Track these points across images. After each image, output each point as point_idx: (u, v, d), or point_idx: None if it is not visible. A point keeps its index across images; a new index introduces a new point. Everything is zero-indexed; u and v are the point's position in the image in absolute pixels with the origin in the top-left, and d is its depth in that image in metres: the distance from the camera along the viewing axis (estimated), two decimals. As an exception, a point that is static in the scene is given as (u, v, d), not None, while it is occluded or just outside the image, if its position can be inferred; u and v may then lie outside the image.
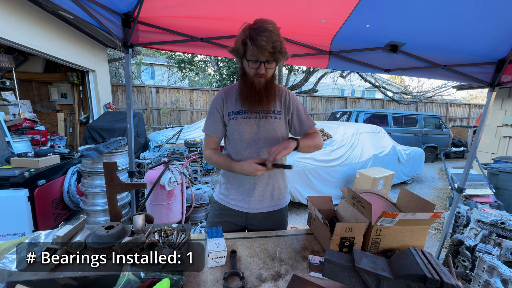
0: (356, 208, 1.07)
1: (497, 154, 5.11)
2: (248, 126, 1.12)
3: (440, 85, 12.26)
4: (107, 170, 1.11)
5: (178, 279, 0.76)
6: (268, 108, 1.12)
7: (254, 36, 0.92)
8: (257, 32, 0.92)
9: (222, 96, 1.16)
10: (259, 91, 1.05)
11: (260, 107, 1.10)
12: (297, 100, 1.20)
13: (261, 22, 0.95)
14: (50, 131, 5.64)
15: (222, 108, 1.15)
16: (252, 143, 1.13)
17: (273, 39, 0.92)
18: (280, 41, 0.95)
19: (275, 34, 0.93)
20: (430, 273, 0.71)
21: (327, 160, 3.80)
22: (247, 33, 0.94)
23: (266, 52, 0.94)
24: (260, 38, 0.91)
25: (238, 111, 1.13)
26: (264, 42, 0.91)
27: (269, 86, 1.07)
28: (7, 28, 3.20)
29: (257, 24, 0.94)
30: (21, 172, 2.40)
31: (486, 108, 1.97)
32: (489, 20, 1.42)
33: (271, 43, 0.92)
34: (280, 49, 0.96)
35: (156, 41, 1.71)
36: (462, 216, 2.35)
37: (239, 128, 1.12)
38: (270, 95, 1.08)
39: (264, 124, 1.12)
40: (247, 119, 1.12)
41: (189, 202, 2.81)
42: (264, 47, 0.92)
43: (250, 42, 0.93)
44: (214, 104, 1.16)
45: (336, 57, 1.90)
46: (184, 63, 10.22)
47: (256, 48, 0.93)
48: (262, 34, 0.91)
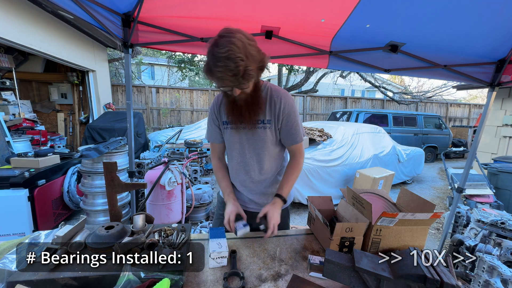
0: (356, 208, 1.07)
1: (497, 154, 5.11)
2: (236, 136, 1.12)
3: (440, 85, 12.26)
4: (107, 170, 1.11)
5: (178, 279, 0.76)
6: (253, 122, 1.06)
7: (211, 67, 0.84)
8: (214, 62, 0.83)
9: (217, 103, 1.15)
10: (240, 107, 1.01)
11: (244, 122, 1.06)
12: (291, 109, 1.07)
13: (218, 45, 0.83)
14: (50, 131, 5.64)
15: (218, 116, 1.16)
16: (242, 152, 1.14)
17: (230, 67, 0.82)
18: (241, 65, 0.83)
19: (234, 59, 0.81)
20: (430, 273, 0.71)
21: (327, 160, 3.80)
22: (208, 60, 0.86)
23: (228, 81, 0.87)
24: (216, 69, 0.83)
25: (226, 121, 1.13)
26: (221, 73, 0.83)
27: (252, 100, 0.99)
28: (7, 28, 3.20)
29: (215, 49, 0.83)
30: (21, 172, 2.40)
31: (486, 108, 1.97)
32: (489, 20, 1.42)
33: (230, 72, 0.83)
34: (245, 72, 0.85)
35: (156, 41, 1.71)
36: (462, 216, 2.35)
37: (229, 138, 1.14)
38: (253, 110, 1.02)
39: (252, 135, 1.10)
40: (235, 129, 1.11)
41: (189, 202, 2.81)
42: (223, 78, 0.85)
43: (209, 75, 0.87)
44: (210, 112, 1.18)
45: (336, 57, 1.90)
46: (184, 63, 10.21)
47: (216, 80, 0.87)
48: (217, 64, 0.82)
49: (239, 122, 1.07)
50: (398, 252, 0.83)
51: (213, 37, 0.87)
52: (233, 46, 0.82)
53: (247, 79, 0.88)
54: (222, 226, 1.08)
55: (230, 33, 0.85)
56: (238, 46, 0.83)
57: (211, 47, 0.85)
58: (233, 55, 0.82)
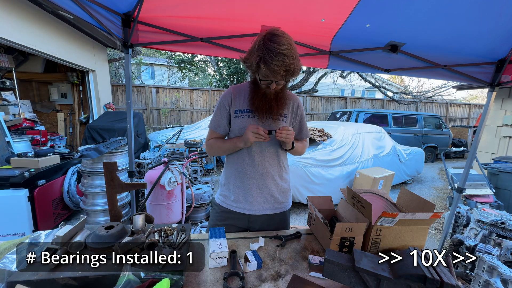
0: (356, 208, 1.07)
1: (497, 154, 5.11)
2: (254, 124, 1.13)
3: (440, 85, 12.26)
4: (107, 170, 1.11)
5: (178, 279, 0.76)
6: (279, 114, 1.15)
7: (268, 60, 0.91)
8: (270, 56, 0.91)
9: (231, 93, 1.17)
10: (269, 100, 1.08)
11: (272, 114, 1.12)
12: (302, 109, 1.27)
13: (276, 41, 0.92)
14: (50, 131, 5.63)
15: (230, 104, 1.17)
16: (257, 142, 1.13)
17: (286, 63, 0.92)
18: (293, 63, 0.94)
19: (289, 57, 0.92)
20: (430, 273, 0.71)
21: (327, 160, 3.80)
22: (261, 53, 0.93)
23: (279, 75, 0.95)
24: (273, 62, 0.91)
25: (246, 109, 1.15)
26: (277, 67, 0.92)
27: (280, 95, 1.09)
28: (7, 28, 3.20)
29: (272, 44, 0.91)
30: (21, 172, 2.40)
31: (486, 108, 1.97)
32: (489, 20, 1.42)
33: (284, 67, 0.92)
34: (294, 70, 0.96)
35: (156, 41, 1.71)
36: (462, 216, 2.35)
37: (245, 125, 1.13)
38: (280, 105, 1.11)
39: (270, 125, 1.14)
40: (253, 118, 1.14)
41: (189, 202, 2.81)
42: (277, 72, 0.93)
43: (263, 65, 0.93)
44: (222, 100, 1.18)
45: (336, 57, 1.90)
46: (184, 63, 10.22)
47: (269, 71, 0.94)
48: (275, 58, 0.91)
49: (267, 113, 1.11)
50: (398, 252, 0.83)
51: (263, 33, 0.96)
52: (290, 46, 0.93)
53: (293, 76, 1.00)
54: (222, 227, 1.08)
55: (283, 33, 0.95)
56: (293, 47, 0.95)
57: (265, 42, 0.93)
58: (290, 53, 0.92)
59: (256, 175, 1.17)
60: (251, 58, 0.97)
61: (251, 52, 0.99)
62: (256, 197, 1.18)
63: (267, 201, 1.20)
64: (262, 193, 1.19)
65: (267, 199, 1.20)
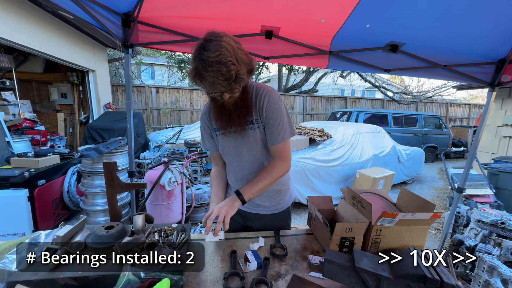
0: (356, 208, 1.07)
1: (497, 154, 5.11)
2: (229, 141, 1.11)
3: (440, 85, 12.28)
4: (107, 170, 1.11)
5: (178, 279, 0.76)
6: (242, 124, 1.02)
7: (202, 72, 0.80)
8: (204, 67, 0.79)
9: (206, 111, 1.13)
10: (228, 111, 0.98)
11: (234, 126, 1.03)
12: (274, 105, 1.01)
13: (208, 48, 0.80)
14: (50, 131, 5.63)
15: (209, 124, 1.14)
16: (237, 156, 1.12)
17: (222, 71, 0.80)
18: (233, 69, 0.81)
19: (226, 63, 0.79)
20: (430, 273, 0.71)
21: (327, 160, 3.80)
22: (195, 65, 0.82)
23: (220, 86, 0.84)
24: (208, 74, 0.80)
25: (216, 128, 1.11)
26: (213, 78, 0.81)
27: (241, 103, 0.97)
28: (7, 28, 3.20)
29: (204, 53, 0.79)
30: (21, 172, 2.40)
31: (486, 108, 1.97)
32: (489, 20, 1.42)
33: (221, 77, 0.81)
34: (237, 76, 0.83)
35: (156, 41, 1.71)
36: (462, 216, 2.35)
37: (222, 144, 1.13)
38: (242, 113, 0.98)
39: (243, 137, 1.07)
40: (225, 135, 1.10)
41: (189, 202, 2.81)
42: (215, 83, 0.83)
43: (199, 80, 0.83)
44: (201, 121, 1.16)
45: (336, 57, 1.90)
46: (184, 63, 10.23)
47: (207, 84, 0.84)
48: (209, 69, 0.79)
49: (228, 127, 1.03)
50: (398, 252, 0.83)
51: (198, 41, 0.84)
52: (224, 50, 0.80)
53: (238, 83, 0.87)
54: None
55: (218, 36, 0.82)
56: (229, 50, 0.81)
57: (198, 52, 0.81)
58: (225, 59, 0.80)
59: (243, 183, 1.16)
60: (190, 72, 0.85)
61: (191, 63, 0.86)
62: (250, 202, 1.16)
63: (259, 206, 1.21)
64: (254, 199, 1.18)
65: (259, 204, 1.21)
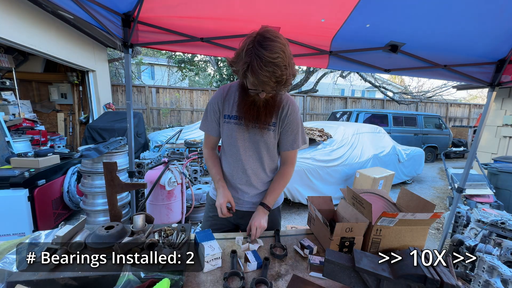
0: (356, 208, 1.07)
1: (497, 154, 5.11)
2: (240, 133, 1.11)
3: (440, 85, 12.27)
4: (107, 170, 1.11)
5: (178, 279, 0.76)
6: (267, 123, 1.08)
7: (256, 70, 0.81)
8: (259, 65, 0.80)
9: (222, 95, 1.12)
10: (258, 108, 1.01)
11: (258, 123, 1.06)
12: (295, 116, 1.11)
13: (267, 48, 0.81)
14: (50, 131, 5.63)
15: (220, 108, 1.13)
16: (243, 150, 1.13)
17: (277, 74, 0.82)
18: (286, 74, 0.84)
19: (281, 67, 0.82)
20: (430, 273, 0.71)
21: (327, 160, 3.80)
22: (249, 60, 0.82)
23: (268, 87, 0.86)
24: (263, 73, 0.81)
25: (234, 116, 1.10)
26: (267, 78, 0.82)
27: (270, 103, 1.01)
28: (7, 28, 3.20)
29: (262, 51, 0.80)
30: (21, 172, 2.40)
31: (486, 108, 1.97)
32: (489, 20, 1.42)
33: (274, 79, 0.83)
34: (286, 81, 0.86)
35: (156, 41, 1.71)
36: (462, 216, 2.35)
37: (231, 133, 1.12)
38: (268, 112, 1.03)
39: (255, 134, 1.10)
40: (240, 125, 1.10)
41: (189, 202, 2.81)
42: (266, 83, 0.84)
43: (251, 75, 0.84)
44: (212, 103, 1.14)
45: (336, 57, 1.90)
46: (184, 63, 10.22)
47: (257, 82, 0.85)
48: (265, 69, 0.80)
49: (253, 121, 1.06)
50: (398, 252, 0.83)
51: (254, 33, 0.85)
52: (282, 53, 0.82)
53: (285, 87, 0.89)
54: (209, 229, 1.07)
55: (277, 37, 0.83)
56: (286, 55, 0.83)
57: (254, 47, 0.82)
58: (282, 63, 0.82)
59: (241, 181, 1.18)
60: (238, 63, 0.86)
61: (238, 55, 0.88)
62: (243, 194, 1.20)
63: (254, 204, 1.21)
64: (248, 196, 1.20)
65: (253, 202, 1.21)
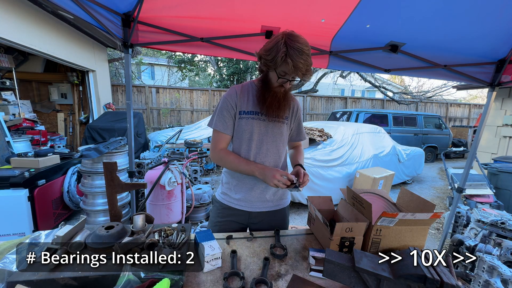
0: (356, 208, 1.07)
1: (497, 154, 5.11)
2: (258, 127, 1.14)
3: (440, 85, 12.27)
4: (107, 170, 1.11)
5: (178, 279, 0.76)
6: (284, 115, 1.18)
7: (294, 57, 0.95)
8: (296, 53, 0.95)
9: (236, 93, 1.15)
10: (279, 99, 1.10)
11: (276, 113, 1.14)
12: (301, 111, 1.30)
13: (299, 41, 0.98)
14: (50, 131, 5.63)
15: (236, 105, 1.14)
16: (259, 144, 1.15)
17: (308, 62, 0.98)
18: (311, 64, 1.00)
19: (310, 57, 0.99)
20: (430, 273, 0.71)
21: (327, 160, 3.80)
22: (286, 49, 0.96)
23: (300, 73, 0.99)
24: (299, 60, 0.95)
25: (251, 111, 1.14)
26: (302, 64, 0.96)
27: (287, 95, 1.13)
28: (7, 28, 3.20)
29: (296, 43, 0.97)
30: (21, 172, 2.40)
31: (486, 108, 1.97)
32: (489, 20, 1.42)
33: (306, 66, 0.98)
34: (310, 71, 1.01)
35: (156, 41, 1.71)
36: (462, 216, 2.35)
37: (250, 128, 1.13)
38: (286, 104, 1.14)
39: (273, 127, 1.16)
40: (257, 120, 1.14)
41: (189, 202, 2.81)
42: (300, 69, 0.98)
43: (291, 61, 0.96)
44: (228, 100, 1.13)
45: (336, 57, 1.90)
46: (184, 63, 10.23)
47: (293, 68, 0.97)
48: (301, 56, 0.96)
49: (274, 114, 1.13)
50: (398, 252, 0.83)
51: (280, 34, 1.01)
52: (309, 47, 1.00)
53: (309, 76, 1.03)
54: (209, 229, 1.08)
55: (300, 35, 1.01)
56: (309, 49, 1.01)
57: (291, 40, 0.97)
58: (309, 53, 0.99)
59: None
60: (275, 53, 0.99)
61: (271, 48, 1.00)
62: (256, 195, 1.20)
63: (267, 199, 1.22)
64: (262, 192, 1.20)
65: (267, 198, 1.22)
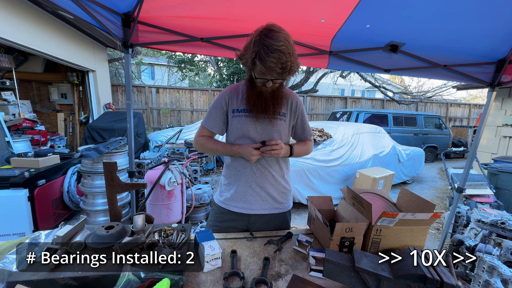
0: (356, 208, 1.07)
1: (497, 154, 5.11)
2: (252, 125, 1.13)
3: (440, 85, 12.25)
4: (107, 170, 1.11)
5: (178, 279, 0.76)
6: (275, 113, 1.13)
7: (263, 56, 0.89)
8: (266, 52, 0.89)
9: (229, 92, 1.16)
10: (265, 99, 1.06)
11: (267, 113, 1.10)
12: (303, 108, 1.23)
13: (272, 37, 0.90)
14: (50, 131, 5.63)
15: (228, 104, 1.15)
16: (255, 141, 1.14)
17: (282, 60, 0.90)
18: (290, 61, 0.92)
19: (286, 54, 0.90)
20: (430, 273, 0.71)
21: (327, 160, 3.80)
22: (257, 49, 0.91)
23: (275, 73, 0.94)
24: (269, 59, 0.89)
25: (243, 109, 1.13)
26: (273, 63, 0.90)
27: (276, 94, 1.08)
28: (7, 28, 3.20)
29: (268, 40, 0.90)
30: (21, 172, 2.40)
31: (486, 108, 1.97)
32: (489, 20, 1.42)
33: (280, 64, 0.91)
34: (290, 68, 0.94)
35: (156, 41, 1.71)
36: (462, 216, 2.35)
37: (243, 126, 1.13)
38: (276, 103, 1.09)
39: (267, 125, 1.14)
40: (251, 118, 1.13)
41: (189, 202, 2.81)
42: (272, 69, 0.91)
43: (259, 62, 0.91)
44: (219, 99, 1.16)
45: (336, 57, 1.90)
46: (184, 63, 10.22)
47: (265, 68, 0.92)
48: (271, 55, 0.89)
49: (262, 112, 1.09)
50: (398, 252, 0.83)
51: (260, 28, 0.94)
52: (287, 42, 0.91)
53: (290, 74, 0.98)
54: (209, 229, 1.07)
55: (280, 29, 0.93)
56: (290, 44, 0.93)
57: (261, 38, 0.91)
58: (286, 50, 0.91)
59: (255, 175, 1.16)
60: (247, 54, 0.95)
61: (246, 48, 0.96)
62: (255, 197, 1.18)
63: (266, 201, 1.19)
64: (260, 193, 1.18)
65: (266, 200, 1.19)
